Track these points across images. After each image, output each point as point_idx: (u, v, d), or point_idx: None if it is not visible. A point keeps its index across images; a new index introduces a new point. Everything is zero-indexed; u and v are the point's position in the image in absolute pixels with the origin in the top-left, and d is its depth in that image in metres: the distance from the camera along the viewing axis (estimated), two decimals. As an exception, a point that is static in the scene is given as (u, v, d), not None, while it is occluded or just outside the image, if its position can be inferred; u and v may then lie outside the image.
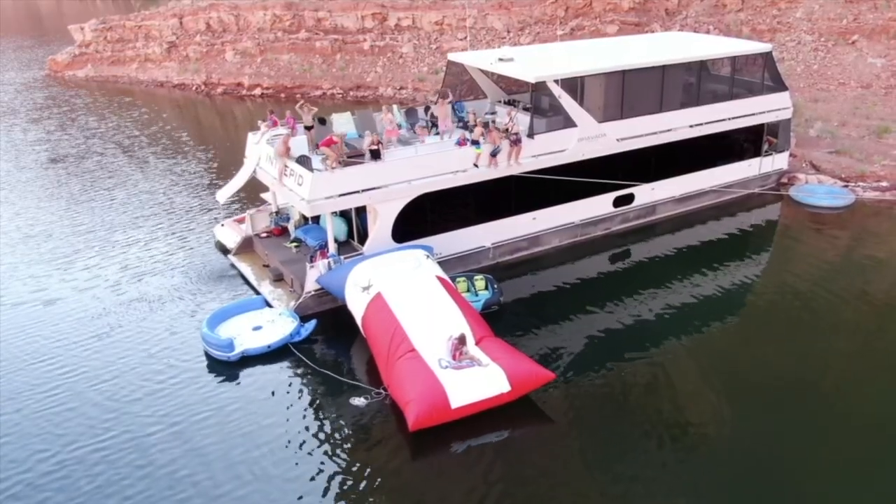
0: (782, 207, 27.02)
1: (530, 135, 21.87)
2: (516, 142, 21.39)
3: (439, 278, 18.07)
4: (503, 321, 19.09)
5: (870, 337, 18.69)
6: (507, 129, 21.46)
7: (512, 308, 20.15)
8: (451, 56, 26.07)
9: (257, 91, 47.25)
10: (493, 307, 19.58)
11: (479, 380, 15.25)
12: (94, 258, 23.62)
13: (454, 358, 15.65)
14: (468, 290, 19.68)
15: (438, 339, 16.04)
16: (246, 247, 23.15)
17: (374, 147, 19.85)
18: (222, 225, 24.85)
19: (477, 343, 16.30)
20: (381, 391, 16.11)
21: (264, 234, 23.09)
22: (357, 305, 17.84)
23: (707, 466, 14.28)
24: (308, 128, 21.13)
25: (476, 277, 20.14)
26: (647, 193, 24.99)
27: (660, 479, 13.91)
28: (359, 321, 17.81)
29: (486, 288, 19.89)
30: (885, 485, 13.64)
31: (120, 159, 34.35)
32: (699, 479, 13.92)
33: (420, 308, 16.92)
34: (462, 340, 15.88)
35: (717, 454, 14.57)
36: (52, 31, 76.63)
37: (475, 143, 21.05)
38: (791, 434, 14.98)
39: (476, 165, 21.10)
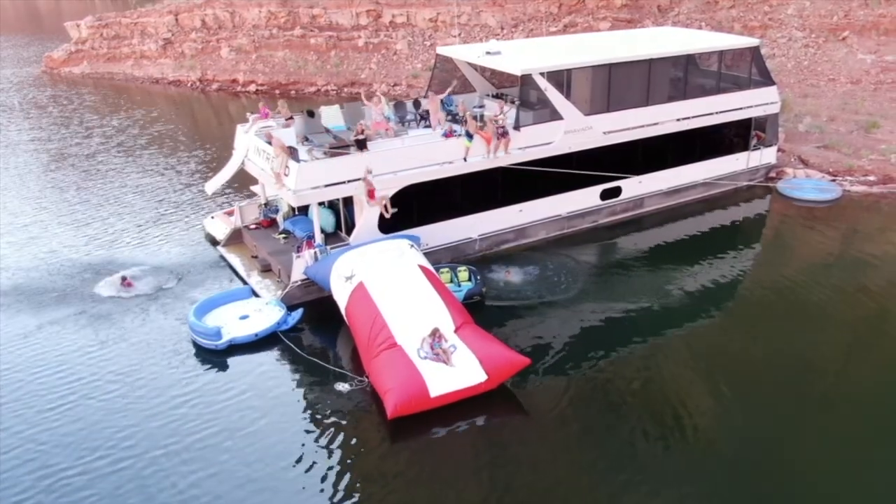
0: (770, 201, 27.17)
1: (517, 127, 22.03)
2: (503, 134, 21.54)
3: (421, 267, 18.19)
4: (486, 312, 19.21)
5: (859, 329, 18.76)
6: (494, 121, 21.57)
7: (495, 299, 20.18)
8: (440, 49, 26.24)
9: (252, 87, 47.36)
10: (475, 298, 19.68)
11: (457, 371, 15.39)
12: (88, 255, 23.59)
13: (431, 349, 15.77)
14: (451, 281, 19.82)
15: (418, 327, 16.13)
16: (235, 238, 23.28)
17: (360, 137, 20.00)
18: (212, 217, 25.00)
19: (456, 330, 16.40)
20: (364, 378, 16.28)
21: (253, 226, 23.23)
22: (341, 295, 18.00)
23: (691, 457, 14.40)
24: (288, 119, 21.33)
25: (459, 268, 20.27)
26: (634, 186, 25.11)
27: (646, 470, 13.96)
28: (343, 310, 17.96)
29: (470, 279, 20.02)
30: (886, 483, 13.53)
31: (115, 155, 34.44)
32: (683, 467, 14.01)
33: (401, 297, 17.05)
34: (433, 334, 15.90)
35: (701, 446, 14.65)
36: (51, 29, 76.61)
37: (468, 135, 21.17)
38: (781, 429, 15.06)
39: (465, 159, 21.24)
